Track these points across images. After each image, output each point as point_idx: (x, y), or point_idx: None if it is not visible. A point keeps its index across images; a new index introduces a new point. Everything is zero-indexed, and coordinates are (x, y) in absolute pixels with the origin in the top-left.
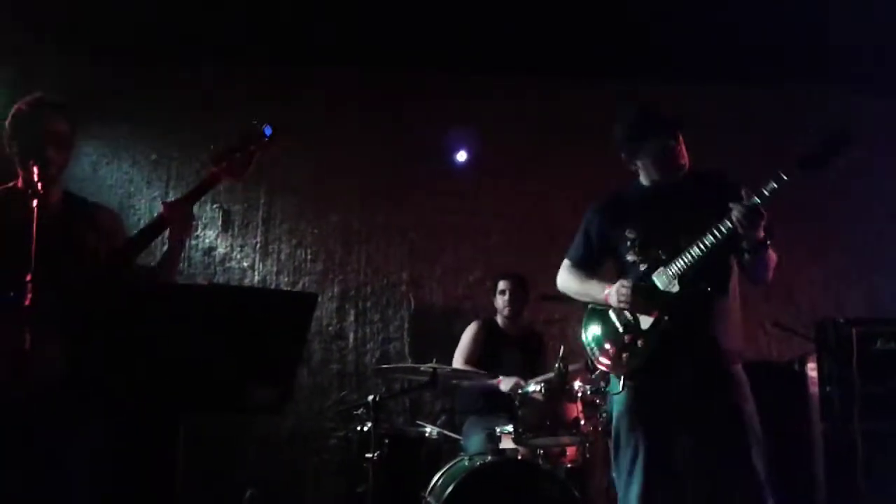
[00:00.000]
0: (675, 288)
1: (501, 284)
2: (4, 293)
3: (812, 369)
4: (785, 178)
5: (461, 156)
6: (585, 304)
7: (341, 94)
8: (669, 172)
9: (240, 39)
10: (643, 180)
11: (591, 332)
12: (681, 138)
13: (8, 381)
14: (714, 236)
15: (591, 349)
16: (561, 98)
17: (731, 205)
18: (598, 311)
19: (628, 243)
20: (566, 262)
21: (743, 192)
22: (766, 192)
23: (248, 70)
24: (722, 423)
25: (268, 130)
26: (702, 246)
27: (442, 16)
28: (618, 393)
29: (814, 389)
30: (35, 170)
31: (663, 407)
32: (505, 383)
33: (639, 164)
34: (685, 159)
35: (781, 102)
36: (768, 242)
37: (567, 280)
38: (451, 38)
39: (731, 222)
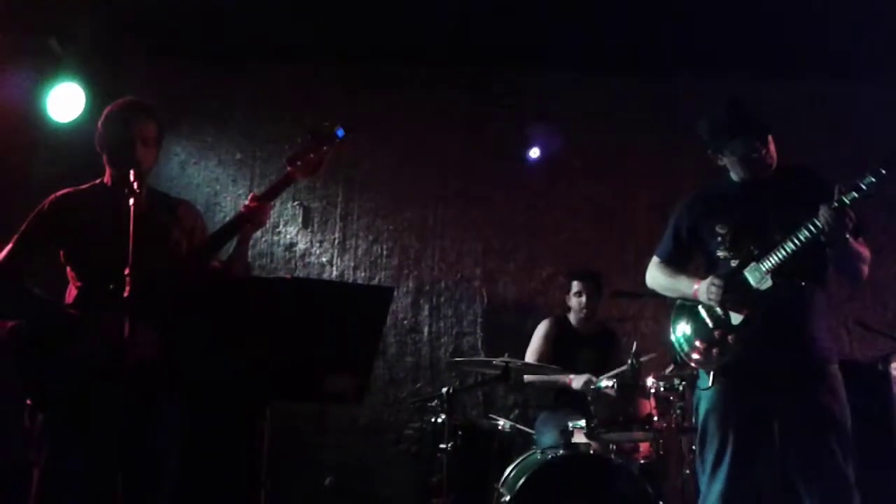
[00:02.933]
0: (768, 283)
1: (576, 286)
2: (104, 285)
3: None
4: (876, 177)
5: (534, 152)
6: (664, 298)
7: (418, 93)
8: (755, 172)
9: (321, 39)
10: (733, 176)
11: (680, 327)
12: (770, 139)
13: (110, 366)
14: (809, 231)
15: (680, 345)
16: (640, 95)
17: (820, 206)
18: (687, 307)
19: (718, 239)
20: (655, 259)
21: (836, 190)
22: (857, 191)
23: (327, 69)
24: (808, 424)
25: (340, 132)
26: (795, 241)
27: (518, 15)
28: (706, 389)
29: None
30: (131, 171)
31: (752, 405)
32: (577, 381)
33: (725, 161)
34: (772, 160)
35: (881, 99)
36: (856, 239)
37: (656, 276)
38: (527, 37)
39: (819, 223)
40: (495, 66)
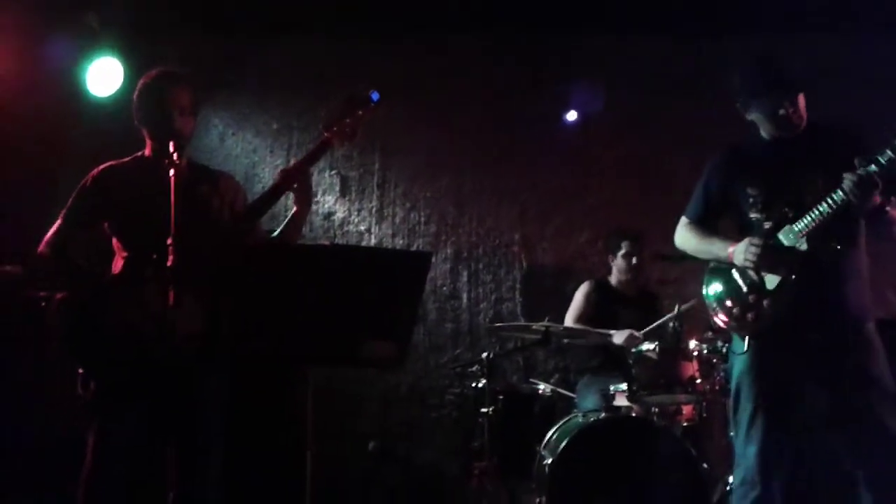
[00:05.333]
0: (804, 246)
1: (626, 246)
2: (148, 256)
3: None
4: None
5: (571, 115)
6: (706, 262)
7: (454, 59)
8: (783, 130)
9: (355, 8)
10: (762, 133)
11: (713, 291)
12: (798, 98)
13: (155, 336)
14: (844, 192)
15: (714, 308)
16: (680, 56)
17: (844, 175)
18: (721, 270)
19: (751, 200)
20: (684, 220)
21: (856, 162)
22: (877, 164)
23: (362, 38)
24: (849, 384)
25: (375, 96)
26: (831, 202)
27: None
28: (742, 353)
29: None
30: (171, 143)
31: (787, 367)
32: (618, 336)
33: (752, 116)
34: (800, 119)
35: None
36: (886, 208)
37: (686, 237)
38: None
39: (844, 192)
40: (532, 29)
